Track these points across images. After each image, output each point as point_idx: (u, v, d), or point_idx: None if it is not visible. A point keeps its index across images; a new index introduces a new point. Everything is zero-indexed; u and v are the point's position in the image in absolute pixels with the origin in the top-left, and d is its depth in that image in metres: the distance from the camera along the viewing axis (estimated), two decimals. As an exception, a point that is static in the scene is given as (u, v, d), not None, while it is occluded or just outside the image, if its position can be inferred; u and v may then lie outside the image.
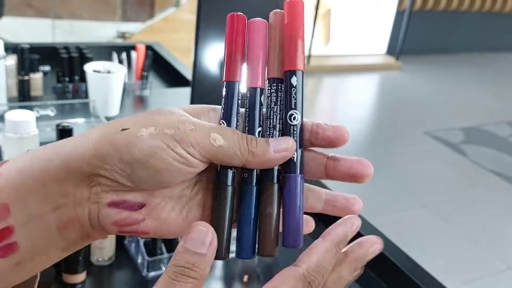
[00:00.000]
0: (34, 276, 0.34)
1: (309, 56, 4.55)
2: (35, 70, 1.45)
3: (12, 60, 1.41)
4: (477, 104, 4.28)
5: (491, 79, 4.97)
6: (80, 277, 0.87)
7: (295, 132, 0.34)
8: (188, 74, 1.68)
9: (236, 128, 0.34)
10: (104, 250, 0.95)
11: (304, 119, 0.35)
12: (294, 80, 0.34)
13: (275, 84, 0.34)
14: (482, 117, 3.97)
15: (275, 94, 0.34)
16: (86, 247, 0.86)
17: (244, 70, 0.35)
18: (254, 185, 0.34)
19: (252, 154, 0.32)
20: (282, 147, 0.33)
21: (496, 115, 4.07)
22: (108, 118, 1.33)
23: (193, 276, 0.28)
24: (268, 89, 0.35)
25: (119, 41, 3.64)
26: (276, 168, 0.34)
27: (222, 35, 1.30)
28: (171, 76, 1.78)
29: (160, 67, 1.82)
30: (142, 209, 0.33)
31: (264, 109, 0.35)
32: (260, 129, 0.34)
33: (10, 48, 1.45)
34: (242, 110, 0.35)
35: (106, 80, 1.36)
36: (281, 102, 0.34)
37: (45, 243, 0.32)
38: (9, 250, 0.31)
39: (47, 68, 1.61)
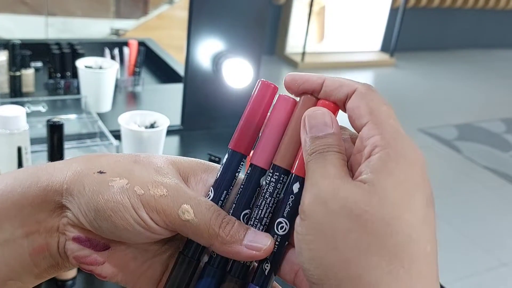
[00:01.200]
0: None
1: (303, 53, 4.54)
2: (26, 66, 1.44)
3: (3, 56, 1.40)
4: (471, 101, 4.29)
5: (485, 75, 4.98)
6: (71, 273, 0.87)
7: (277, 243, 0.30)
8: (180, 70, 1.68)
9: (223, 202, 0.32)
10: (95, 246, 0.94)
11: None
12: (296, 187, 0.30)
13: (277, 174, 0.31)
14: (476, 114, 3.98)
15: (273, 185, 0.31)
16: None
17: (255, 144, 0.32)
18: (216, 268, 0.31)
19: (221, 240, 0.29)
20: (256, 246, 0.30)
21: (490, 111, 4.08)
22: (100, 115, 1.32)
23: (334, 151, 0.29)
24: (269, 176, 0.31)
25: (113, 38, 3.63)
26: (245, 263, 0.31)
27: (214, 31, 1.30)
28: (163, 72, 1.77)
29: (153, 63, 1.81)
30: (105, 252, 0.32)
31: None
32: (247, 211, 0.31)
33: (1, 44, 1.44)
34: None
35: (98, 76, 1.36)
36: (277, 196, 0.31)
37: (18, 268, 0.31)
38: None
39: (38, 64, 1.60)
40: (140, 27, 3.79)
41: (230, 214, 0.31)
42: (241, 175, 0.32)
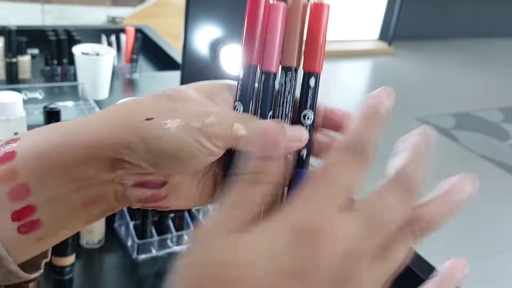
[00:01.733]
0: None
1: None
2: (23, 52, 1.43)
3: (-1, 42, 1.39)
4: (469, 90, 4.29)
5: (483, 65, 4.97)
6: (69, 259, 0.86)
7: (307, 130, 0.34)
8: (178, 57, 1.67)
9: (250, 111, 0.35)
10: (93, 233, 0.94)
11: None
12: (312, 82, 0.34)
13: (290, 73, 0.35)
14: (474, 103, 3.98)
15: (289, 84, 0.35)
16: (74, 229, 0.85)
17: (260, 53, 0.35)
18: None
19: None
20: (296, 137, 0.33)
21: (487, 100, 4.08)
22: (97, 101, 1.31)
23: (265, 181, 0.28)
24: (282, 77, 0.35)
25: (109, 24, 3.61)
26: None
27: (211, 18, 1.29)
28: (161, 60, 1.76)
29: (150, 50, 1.80)
30: (165, 186, 0.34)
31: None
32: (271, 113, 0.35)
33: (-3, 31, 1.43)
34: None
35: (95, 63, 1.35)
36: (294, 92, 0.35)
37: (69, 218, 0.32)
38: (32, 227, 0.31)
39: (35, 51, 1.59)
40: (137, 15, 3.77)
41: (258, 118, 0.35)
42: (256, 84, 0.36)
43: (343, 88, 4.11)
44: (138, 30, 1.72)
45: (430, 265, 0.94)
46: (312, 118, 0.35)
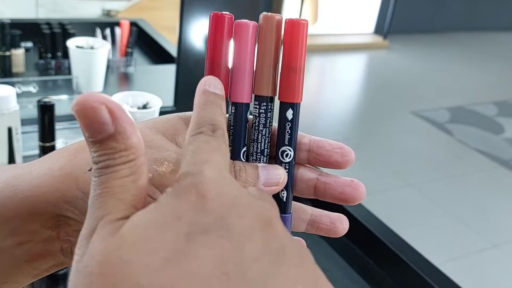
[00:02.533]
0: None
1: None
2: (16, 46, 1.42)
3: (-8, 35, 1.37)
4: (464, 84, 4.29)
5: (478, 58, 4.98)
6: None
7: (286, 170, 0.31)
8: (173, 50, 1.66)
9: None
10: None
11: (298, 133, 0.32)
12: (289, 114, 0.30)
13: (264, 104, 0.30)
14: (468, 97, 3.99)
15: (264, 115, 0.30)
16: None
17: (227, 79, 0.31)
18: None
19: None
20: (273, 181, 0.30)
21: (482, 94, 4.08)
22: (91, 95, 1.31)
23: (121, 162, 0.23)
24: (255, 108, 0.31)
25: (104, 17, 3.58)
26: None
27: (207, 10, 1.28)
28: (156, 53, 1.75)
29: (145, 44, 1.79)
30: None
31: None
32: (245, 149, 0.31)
33: (-10, 24, 1.41)
34: None
35: (90, 56, 1.34)
36: (270, 125, 0.31)
37: (13, 273, 0.30)
38: None
39: (29, 44, 1.58)
40: (132, 8, 3.74)
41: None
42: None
43: (338, 82, 4.11)
44: (133, 24, 1.71)
45: (427, 260, 0.94)
46: (292, 155, 0.31)
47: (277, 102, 0.31)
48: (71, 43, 1.35)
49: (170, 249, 0.20)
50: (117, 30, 1.57)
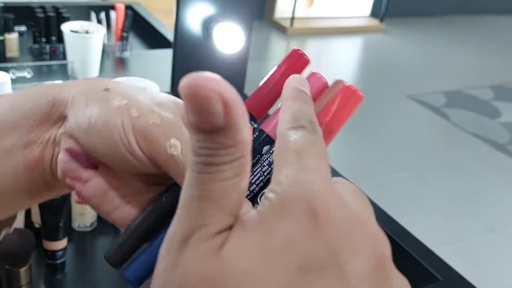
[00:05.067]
0: (11, 218, 0.34)
1: (292, 18, 4.49)
2: (10, 30, 1.39)
3: (-15, 19, 1.35)
4: (460, 68, 4.28)
5: (474, 42, 4.96)
6: (61, 243, 0.85)
7: None
8: (169, 35, 1.64)
9: None
10: (85, 216, 0.93)
11: None
12: None
13: None
14: (465, 81, 3.98)
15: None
16: (67, 213, 0.84)
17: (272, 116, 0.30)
18: None
19: None
20: None
21: (478, 78, 4.08)
22: (87, 81, 1.29)
23: (227, 161, 0.21)
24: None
25: (98, 1, 3.54)
26: None
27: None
28: (152, 38, 1.73)
29: (141, 28, 1.77)
30: (92, 171, 0.31)
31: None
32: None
33: (-17, 7, 1.39)
34: None
35: (85, 41, 1.32)
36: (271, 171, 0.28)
37: (12, 182, 0.31)
38: None
39: (23, 28, 1.55)
40: (126, -9, 3.70)
41: None
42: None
43: (334, 65, 4.09)
44: (128, 7, 1.68)
45: (423, 244, 0.94)
46: None
47: None
48: (66, 27, 1.33)
49: (280, 283, 0.19)
50: (112, 14, 1.55)
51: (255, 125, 0.30)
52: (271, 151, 0.28)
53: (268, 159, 0.28)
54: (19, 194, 0.32)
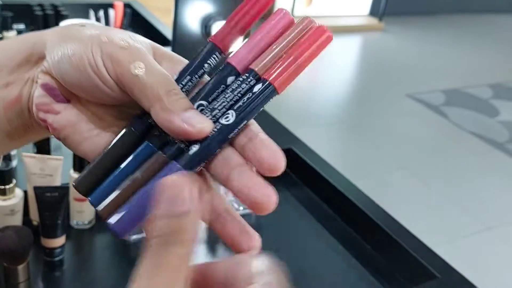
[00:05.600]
0: None
1: (291, 17, 4.49)
2: (8, 28, 1.40)
3: (-17, 17, 1.35)
4: (459, 66, 4.28)
5: (473, 41, 4.96)
6: (59, 241, 0.85)
7: (214, 130, 0.28)
8: (168, 33, 1.64)
9: (184, 86, 0.30)
10: (84, 213, 0.93)
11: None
12: (257, 88, 0.29)
13: (251, 78, 0.29)
14: (464, 79, 3.98)
15: (239, 83, 0.29)
16: (65, 211, 0.84)
17: (236, 44, 0.31)
18: (152, 145, 0.30)
19: (160, 105, 0.28)
20: (192, 122, 0.28)
21: (477, 77, 4.08)
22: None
23: (185, 239, 0.24)
24: (240, 78, 0.30)
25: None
26: (180, 146, 0.29)
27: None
28: (150, 36, 1.73)
29: (139, 26, 1.77)
30: (64, 104, 0.32)
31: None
32: (204, 103, 0.30)
33: (-19, 5, 1.39)
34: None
35: (83, 39, 1.32)
36: (238, 95, 0.29)
37: None
38: None
39: (21, 26, 1.55)
40: (124, -11, 3.70)
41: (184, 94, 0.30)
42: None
43: (333, 64, 4.09)
44: (127, 5, 1.68)
45: (422, 243, 0.94)
46: (230, 122, 0.28)
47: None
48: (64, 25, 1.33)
49: None
50: (111, 12, 1.55)
51: (220, 56, 0.32)
52: (236, 81, 0.30)
53: (232, 87, 0.30)
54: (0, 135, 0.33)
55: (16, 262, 0.75)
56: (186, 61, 0.32)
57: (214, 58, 0.31)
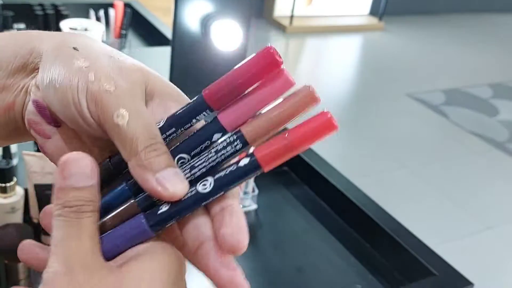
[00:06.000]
0: None
1: (291, 17, 4.49)
2: (9, 27, 1.40)
3: (-16, 17, 1.36)
4: (459, 66, 4.28)
5: (473, 40, 4.96)
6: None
7: (189, 196, 0.28)
8: (168, 32, 1.64)
9: (167, 137, 0.30)
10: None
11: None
12: (243, 162, 0.27)
13: (238, 141, 0.28)
14: (464, 79, 3.98)
15: (225, 145, 0.28)
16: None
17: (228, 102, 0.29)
18: (128, 189, 0.30)
19: (137, 161, 0.28)
20: (165, 184, 0.27)
21: (477, 77, 4.08)
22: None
23: (90, 210, 0.27)
24: (228, 137, 0.28)
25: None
26: (154, 198, 0.29)
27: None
28: (150, 35, 1.74)
29: (139, 26, 1.77)
30: (54, 128, 0.32)
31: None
32: (185, 156, 0.29)
33: (-18, 5, 1.40)
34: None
35: (83, 38, 1.32)
36: (221, 157, 0.28)
37: None
38: None
39: (21, 26, 1.55)
40: (125, -11, 3.71)
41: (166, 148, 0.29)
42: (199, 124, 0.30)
43: (333, 63, 4.09)
44: (127, 5, 1.69)
45: (421, 242, 0.95)
46: (207, 190, 0.27)
47: None
48: (65, 24, 1.34)
49: None
50: (111, 11, 1.56)
51: (209, 114, 0.30)
52: (222, 142, 0.28)
53: (216, 147, 0.28)
54: None
55: (16, 259, 0.76)
56: (178, 93, 0.32)
57: (204, 114, 0.30)
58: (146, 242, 0.28)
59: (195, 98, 0.30)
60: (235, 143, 0.28)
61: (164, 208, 0.28)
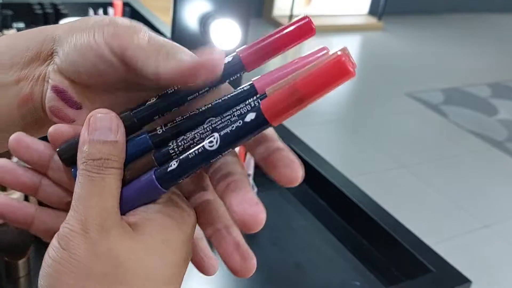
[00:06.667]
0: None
1: (290, 16, 4.49)
2: (8, 26, 1.40)
3: (-16, 16, 1.36)
4: (458, 65, 4.29)
5: (472, 40, 4.97)
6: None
7: (196, 152, 0.27)
8: (167, 31, 1.65)
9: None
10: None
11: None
12: (249, 117, 0.26)
13: (257, 100, 0.28)
14: (463, 78, 3.99)
15: (243, 105, 0.28)
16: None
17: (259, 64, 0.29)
18: (150, 140, 0.30)
19: (167, 57, 0.28)
20: (206, 55, 0.27)
21: (476, 76, 4.08)
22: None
23: (113, 166, 0.28)
24: (251, 100, 0.28)
25: None
26: (170, 153, 0.29)
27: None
28: (150, 34, 1.74)
29: (139, 25, 1.77)
30: (76, 111, 0.32)
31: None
32: (213, 119, 0.29)
33: (-18, 4, 1.40)
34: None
35: (83, 37, 1.33)
36: (236, 121, 0.27)
37: (6, 118, 0.32)
38: None
39: (21, 25, 1.56)
40: (124, -12, 3.71)
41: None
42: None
43: (333, 63, 4.09)
44: (126, 4, 1.69)
45: (420, 240, 0.95)
46: (214, 148, 0.27)
47: None
48: (64, 23, 1.34)
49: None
50: (110, 10, 1.56)
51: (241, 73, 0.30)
52: (248, 105, 0.29)
53: (241, 110, 0.29)
54: (14, 131, 0.33)
55: (17, 256, 0.76)
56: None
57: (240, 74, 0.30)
58: (159, 199, 0.29)
59: (230, 58, 0.30)
60: (257, 104, 0.28)
61: (173, 166, 0.28)
